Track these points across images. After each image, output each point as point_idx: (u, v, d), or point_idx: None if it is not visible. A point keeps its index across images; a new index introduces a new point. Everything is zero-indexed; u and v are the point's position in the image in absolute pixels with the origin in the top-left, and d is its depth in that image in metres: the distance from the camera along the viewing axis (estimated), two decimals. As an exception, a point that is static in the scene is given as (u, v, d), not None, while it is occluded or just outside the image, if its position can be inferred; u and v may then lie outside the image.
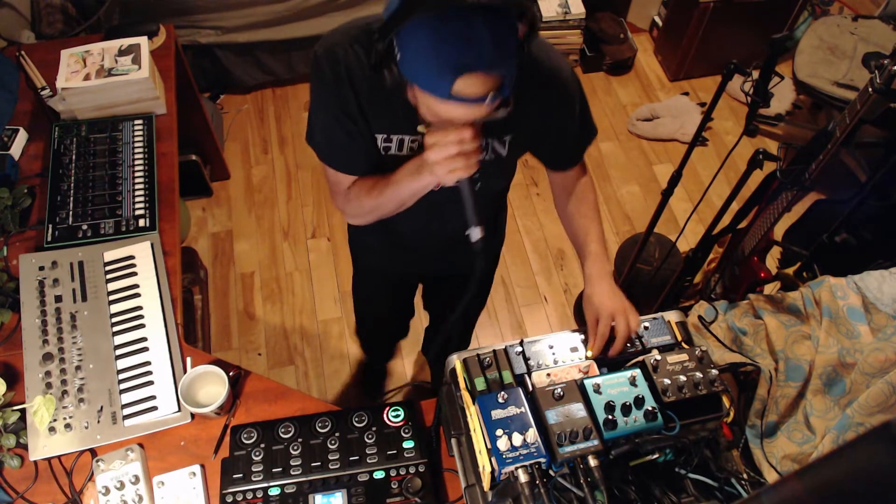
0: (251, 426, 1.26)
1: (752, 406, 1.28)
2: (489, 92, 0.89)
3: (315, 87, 1.14)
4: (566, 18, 3.33)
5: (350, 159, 1.20)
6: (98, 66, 1.77)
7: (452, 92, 0.88)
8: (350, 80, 1.08)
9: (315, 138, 1.20)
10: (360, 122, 1.13)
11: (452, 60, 0.86)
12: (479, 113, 0.94)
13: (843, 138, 1.43)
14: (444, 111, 0.94)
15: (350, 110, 1.11)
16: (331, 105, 1.12)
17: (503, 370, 1.06)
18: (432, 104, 0.94)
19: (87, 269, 1.49)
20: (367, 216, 1.26)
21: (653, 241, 2.57)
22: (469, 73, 0.86)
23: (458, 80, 0.87)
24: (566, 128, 1.25)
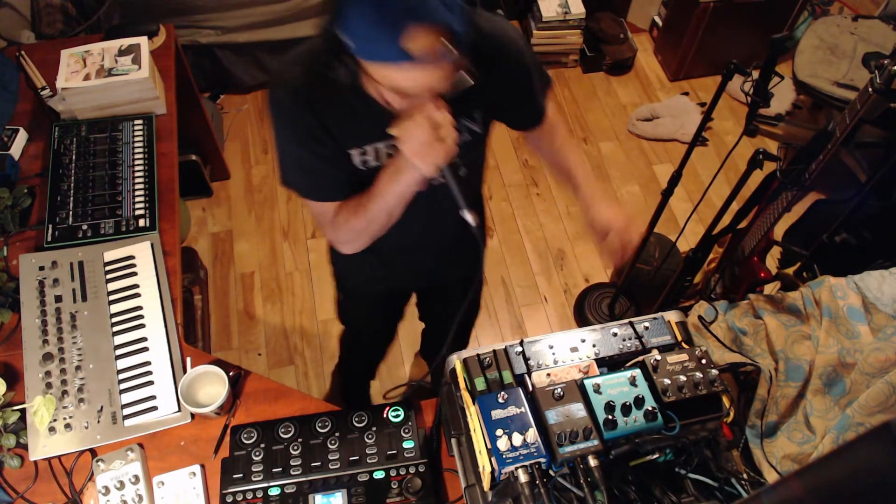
0: (251, 426, 1.26)
1: (752, 406, 1.28)
2: (441, 46, 0.86)
3: (278, 124, 1.12)
4: (566, 18, 3.33)
5: (330, 186, 1.18)
6: (98, 66, 1.77)
7: (403, 49, 0.85)
8: (310, 105, 1.07)
9: (289, 177, 1.18)
10: (330, 144, 1.11)
11: (396, 15, 0.84)
12: (438, 78, 0.91)
13: (843, 138, 1.43)
14: (404, 79, 0.91)
15: (318, 134, 1.09)
16: (298, 136, 1.11)
17: (503, 370, 1.06)
18: (391, 76, 0.91)
19: (87, 269, 1.49)
20: (359, 238, 1.23)
21: (653, 241, 2.57)
22: (414, 24, 0.84)
23: (406, 36, 0.84)
24: (528, 87, 1.23)
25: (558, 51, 3.49)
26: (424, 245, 1.43)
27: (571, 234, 2.93)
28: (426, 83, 0.92)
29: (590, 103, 3.43)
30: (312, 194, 1.19)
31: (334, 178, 1.17)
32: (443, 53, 0.86)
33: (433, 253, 1.46)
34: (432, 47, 0.86)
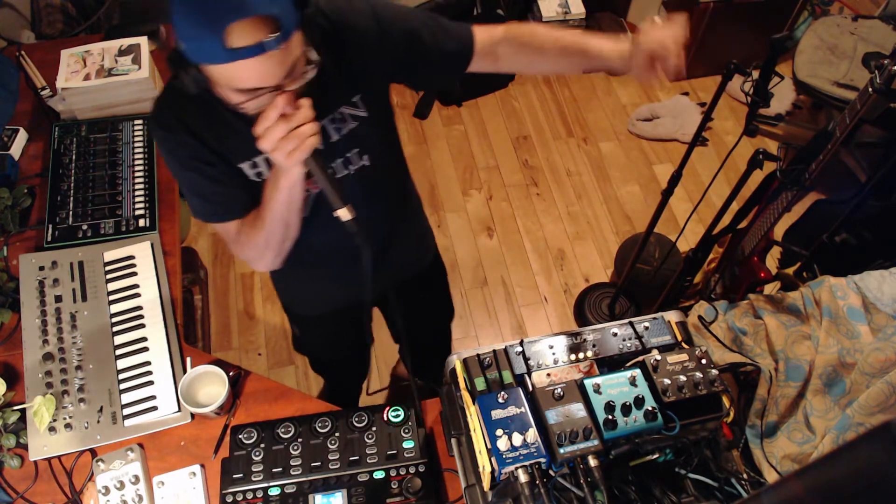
0: (251, 426, 1.26)
1: (752, 406, 1.28)
2: (266, 37, 0.84)
3: (167, 158, 1.12)
4: (566, 18, 3.34)
5: (225, 205, 1.16)
6: (98, 66, 1.77)
7: (229, 48, 0.84)
8: (188, 130, 1.06)
9: (192, 205, 1.17)
10: (218, 164, 1.09)
11: (215, 13, 0.83)
12: (273, 70, 0.89)
13: (843, 138, 1.43)
14: (239, 78, 0.89)
15: (201, 155, 1.08)
16: (182, 161, 1.10)
17: (503, 370, 1.06)
18: (227, 76, 0.89)
19: (87, 269, 1.49)
20: (265, 254, 1.19)
21: (653, 241, 2.57)
22: (234, 20, 0.82)
23: (227, 33, 0.83)
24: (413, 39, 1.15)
25: None
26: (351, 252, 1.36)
27: (571, 234, 2.93)
28: (262, 78, 0.90)
29: (590, 103, 3.43)
30: (210, 217, 1.18)
31: (228, 197, 1.14)
32: (270, 45, 0.84)
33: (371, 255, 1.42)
34: (257, 40, 0.84)
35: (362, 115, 1.15)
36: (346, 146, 1.16)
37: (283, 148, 0.96)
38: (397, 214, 1.41)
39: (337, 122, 1.14)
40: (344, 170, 1.19)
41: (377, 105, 1.18)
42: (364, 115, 1.15)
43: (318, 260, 1.37)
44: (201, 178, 1.11)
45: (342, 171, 1.19)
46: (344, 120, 1.14)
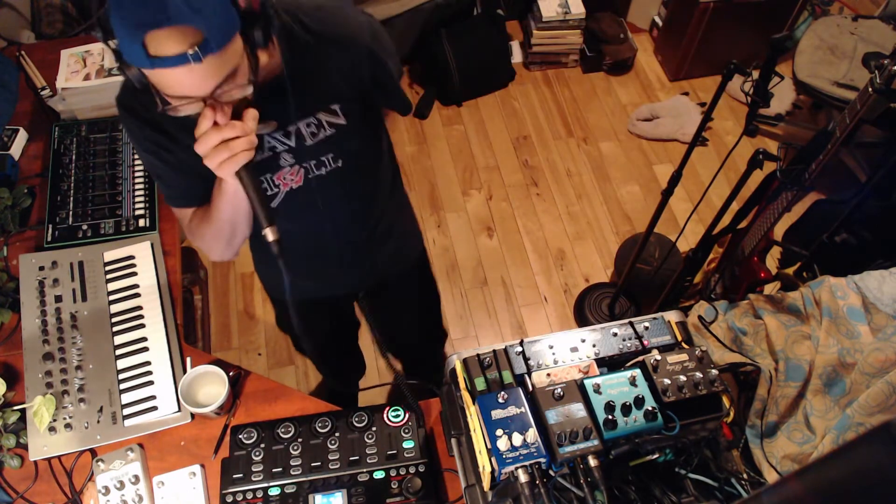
0: (251, 426, 1.26)
1: (752, 406, 1.28)
2: (188, 48, 0.83)
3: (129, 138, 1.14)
4: (566, 18, 3.33)
5: (181, 192, 1.18)
6: (98, 66, 1.77)
7: (151, 55, 0.83)
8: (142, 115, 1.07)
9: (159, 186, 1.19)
10: (177, 151, 1.10)
11: (132, 21, 0.82)
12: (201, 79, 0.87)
13: (843, 138, 1.43)
14: (167, 84, 0.88)
15: (161, 141, 1.09)
16: (145, 145, 1.11)
17: (503, 370, 1.06)
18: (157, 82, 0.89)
19: (87, 269, 1.49)
20: (214, 246, 1.21)
21: (653, 241, 2.57)
22: (151, 30, 0.81)
23: (148, 40, 0.82)
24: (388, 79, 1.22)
25: (558, 51, 3.49)
26: (328, 247, 1.39)
27: (571, 234, 2.93)
28: (187, 87, 0.89)
29: (590, 103, 3.43)
30: (168, 199, 1.21)
31: (185, 185, 1.16)
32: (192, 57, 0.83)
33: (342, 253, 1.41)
34: (178, 51, 0.83)
35: (340, 124, 1.16)
36: (319, 150, 1.18)
37: (214, 157, 0.96)
38: (376, 216, 1.41)
39: (312, 127, 1.15)
40: (316, 171, 1.20)
41: (359, 114, 1.19)
42: (342, 124, 1.17)
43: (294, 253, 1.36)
44: (159, 162, 1.13)
45: (315, 171, 1.20)
46: (320, 125, 1.15)
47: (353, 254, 1.42)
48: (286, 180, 1.19)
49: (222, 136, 0.94)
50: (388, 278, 1.61)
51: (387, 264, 1.54)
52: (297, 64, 1.08)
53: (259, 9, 0.92)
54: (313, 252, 1.39)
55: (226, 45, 0.87)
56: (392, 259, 1.56)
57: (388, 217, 1.46)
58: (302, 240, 1.33)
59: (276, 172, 1.18)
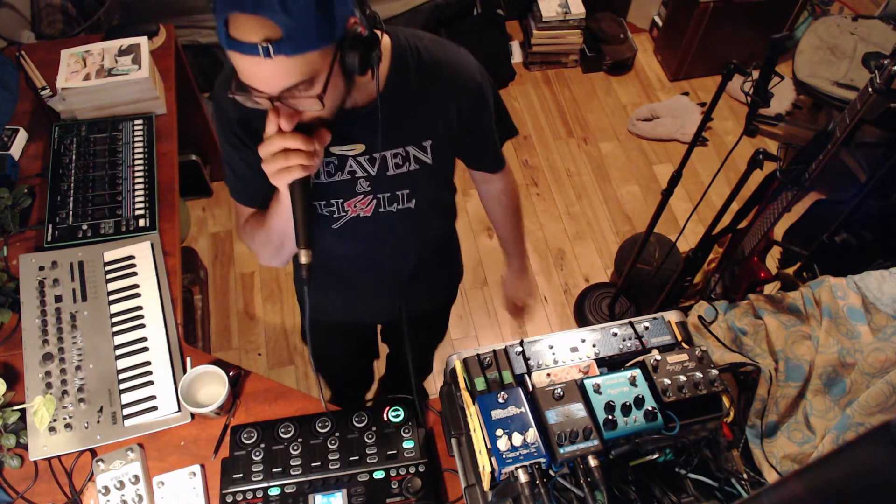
0: (251, 426, 1.26)
1: (752, 406, 1.28)
2: (262, 40, 0.82)
3: (216, 124, 1.13)
4: (566, 18, 3.34)
5: (247, 190, 1.17)
6: (98, 66, 1.77)
7: (230, 35, 0.83)
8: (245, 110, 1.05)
9: (226, 176, 1.18)
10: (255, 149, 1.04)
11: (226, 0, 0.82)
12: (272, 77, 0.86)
13: (843, 138, 1.43)
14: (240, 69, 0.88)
15: (242, 135, 1.08)
16: (225, 133, 1.10)
17: (503, 370, 1.06)
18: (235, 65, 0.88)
19: (87, 269, 1.49)
20: (262, 252, 1.21)
21: (653, 241, 2.57)
22: (237, 10, 0.82)
23: (231, 20, 0.82)
24: (484, 130, 1.22)
25: (558, 51, 3.49)
26: (378, 276, 1.38)
27: (571, 234, 2.93)
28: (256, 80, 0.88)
29: (590, 103, 3.43)
30: (233, 194, 1.20)
31: (252, 184, 1.13)
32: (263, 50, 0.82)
33: (387, 286, 1.41)
34: (255, 41, 0.82)
35: (426, 162, 1.15)
36: (398, 184, 1.16)
37: (271, 164, 0.96)
38: (428, 258, 1.40)
39: (398, 158, 1.13)
40: (388, 206, 1.19)
41: (447, 157, 1.19)
42: (427, 163, 1.16)
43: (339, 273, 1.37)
44: (236, 155, 1.12)
45: (386, 206, 1.19)
46: (407, 158, 1.14)
47: (397, 287, 1.40)
48: (356, 208, 1.18)
49: (284, 143, 0.93)
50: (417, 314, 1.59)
51: (424, 303, 1.54)
52: (401, 92, 1.07)
53: (365, 35, 0.90)
54: (357, 278, 1.39)
55: (304, 52, 0.84)
56: (430, 299, 1.57)
57: (440, 260, 1.46)
58: (350, 263, 1.33)
59: (349, 199, 1.16)
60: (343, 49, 0.89)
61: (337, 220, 1.20)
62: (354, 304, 1.48)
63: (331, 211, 1.18)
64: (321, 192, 1.15)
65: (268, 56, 0.83)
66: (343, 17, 0.87)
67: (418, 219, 1.24)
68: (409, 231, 1.27)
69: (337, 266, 1.33)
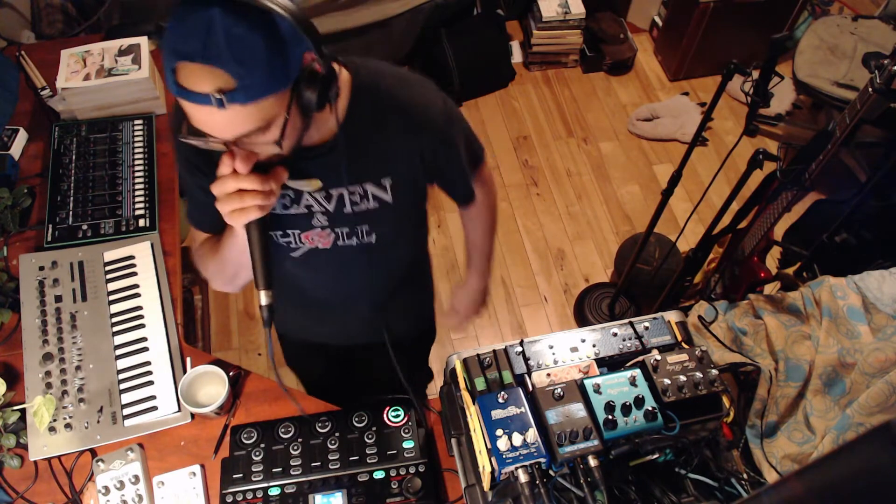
0: (251, 426, 1.26)
1: (752, 406, 1.28)
2: (214, 91, 0.79)
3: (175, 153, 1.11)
4: (566, 18, 3.33)
5: (203, 215, 1.15)
6: (98, 66, 1.77)
7: (179, 84, 0.80)
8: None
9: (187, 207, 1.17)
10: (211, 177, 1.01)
11: (172, 45, 0.79)
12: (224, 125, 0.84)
13: (843, 138, 1.43)
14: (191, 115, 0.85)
15: (199, 163, 1.06)
16: (182, 161, 1.09)
17: (503, 370, 1.06)
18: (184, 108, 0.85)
19: (87, 269, 1.49)
20: (216, 278, 1.20)
21: (653, 241, 2.57)
22: (186, 60, 0.78)
23: (179, 69, 0.79)
24: (452, 170, 1.20)
25: (558, 51, 3.49)
26: (343, 304, 1.37)
27: (571, 234, 2.93)
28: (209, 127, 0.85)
29: (590, 103, 3.43)
30: (189, 217, 1.19)
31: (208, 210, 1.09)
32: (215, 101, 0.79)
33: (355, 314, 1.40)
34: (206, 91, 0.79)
35: (385, 200, 1.12)
36: (356, 220, 1.14)
37: (226, 204, 0.94)
38: (397, 288, 1.39)
39: (356, 196, 1.10)
40: (348, 240, 1.17)
41: (408, 195, 1.15)
42: (387, 201, 1.12)
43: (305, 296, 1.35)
44: (193, 183, 1.10)
45: (345, 240, 1.17)
46: (364, 196, 1.10)
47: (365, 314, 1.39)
48: (313, 240, 1.16)
49: (239, 185, 0.91)
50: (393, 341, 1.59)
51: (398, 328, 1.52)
52: (360, 129, 1.04)
53: (322, 71, 0.88)
54: (323, 303, 1.37)
55: (258, 99, 0.82)
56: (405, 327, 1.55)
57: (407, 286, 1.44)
58: (314, 289, 1.32)
59: (306, 231, 1.14)
60: (300, 87, 0.87)
61: (295, 249, 1.18)
62: (325, 326, 1.47)
63: (287, 241, 1.16)
64: (277, 223, 1.13)
65: (221, 107, 0.80)
66: (298, 56, 0.85)
67: (380, 252, 1.21)
68: (372, 263, 1.24)
69: (302, 287, 1.32)
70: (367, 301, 1.35)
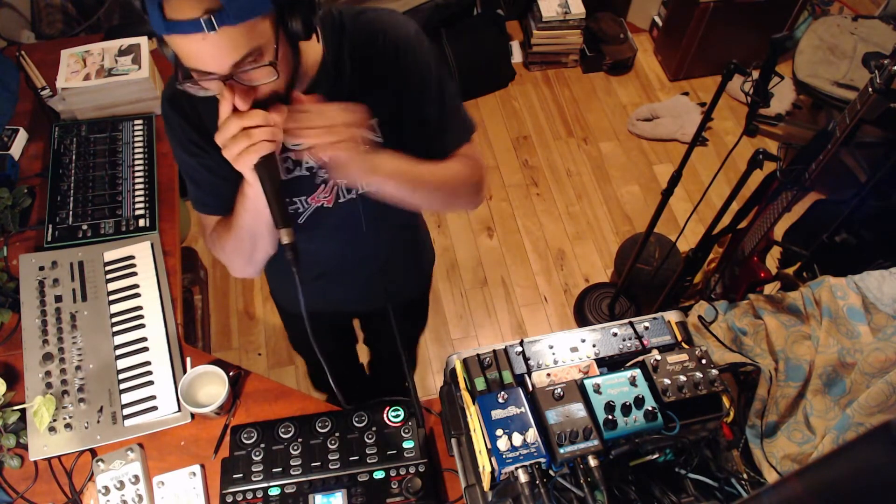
0: (251, 426, 1.26)
1: (752, 406, 1.28)
2: (203, 14, 0.79)
3: (170, 138, 1.10)
4: (566, 18, 3.34)
5: (209, 197, 1.14)
6: (98, 66, 1.77)
7: (167, 18, 0.79)
8: (197, 114, 1.04)
9: (189, 190, 1.15)
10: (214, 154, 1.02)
11: None
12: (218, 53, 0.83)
13: (843, 138, 1.43)
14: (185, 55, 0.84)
15: (200, 141, 1.06)
16: (183, 144, 1.08)
17: (503, 370, 1.06)
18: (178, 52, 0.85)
19: (87, 269, 1.49)
20: (234, 260, 1.17)
21: (653, 241, 2.57)
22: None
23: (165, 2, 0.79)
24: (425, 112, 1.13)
25: (558, 51, 3.49)
26: (345, 269, 1.36)
27: (571, 234, 2.93)
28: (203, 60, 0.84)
29: (590, 103, 3.43)
30: (195, 204, 1.17)
31: (216, 189, 1.11)
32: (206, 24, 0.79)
33: (359, 276, 1.39)
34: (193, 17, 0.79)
35: (376, 141, 1.11)
36: None
37: (232, 147, 0.91)
38: (397, 242, 1.39)
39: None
40: (348, 194, 1.17)
41: (394, 138, 1.13)
42: (377, 142, 1.11)
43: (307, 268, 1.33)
44: (194, 162, 1.10)
45: (346, 195, 1.17)
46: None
47: (368, 278, 1.39)
48: (318, 199, 1.16)
49: (242, 123, 0.89)
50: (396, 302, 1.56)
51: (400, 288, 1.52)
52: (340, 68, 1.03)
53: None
54: (327, 271, 1.37)
55: (247, 19, 0.82)
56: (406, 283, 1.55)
57: (408, 245, 1.44)
58: (319, 258, 1.32)
59: (312, 193, 1.14)
60: (284, 14, 0.87)
61: (301, 214, 1.18)
62: (329, 294, 1.44)
63: (294, 208, 1.16)
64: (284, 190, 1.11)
65: (212, 29, 0.79)
66: None
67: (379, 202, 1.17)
68: (371, 217, 1.23)
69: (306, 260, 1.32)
70: (369, 262, 1.36)
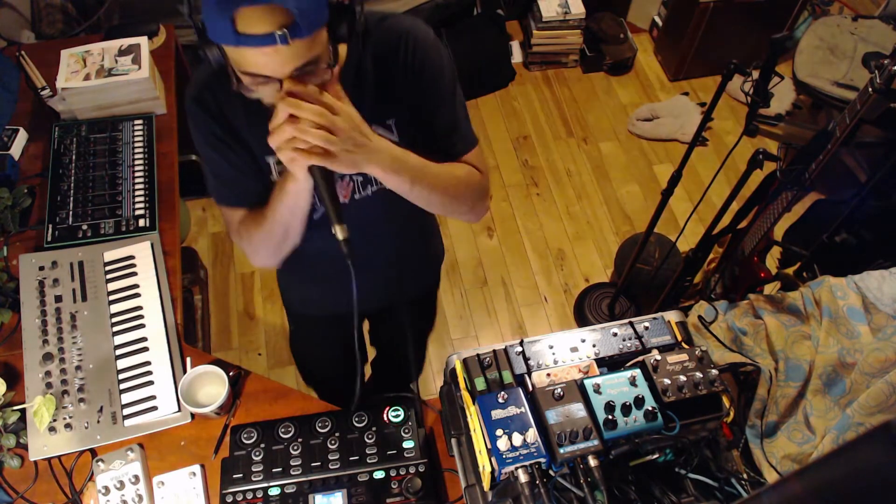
0: (251, 426, 1.26)
1: (752, 406, 1.28)
2: (277, 29, 0.82)
3: (194, 134, 1.12)
4: (566, 18, 3.34)
5: (236, 192, 1.16)
6: (98, 66, 1.77)
7: (239, 32, 0.82)
8: (222, 112, 1.07)
9: (209, 184, 1.17)
10: (241, 151, 1.09)
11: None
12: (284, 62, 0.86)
13: (843, 138, 1.43)
14: (247, 63, 0.87)
15: (226, 138, 1.09)
16: (207, 139, 1.10)
17: (503, 370, 1.06)
18: (237, 59, 0.88)
19: (87, 269, 1.49)
20: (260, 252, 1.19)
21: (653, 241, 2.57)
22: (243, 6, 0.81)
23: (238, 16, 0.81)
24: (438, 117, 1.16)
25: (558, 51, 3.49)
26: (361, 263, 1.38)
27: (571, 234, 2.93)
28: (268, 68, 0.88)
29: (590, 103, 3.43)
30: (219, 199, 1.19)
31: (242, 185, 1.14)
32: (279, 39, 0.82)
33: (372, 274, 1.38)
34: (267, 31, 0.82)
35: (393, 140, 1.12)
36: None
37: (285, 149, 0.93)
38: (410, 239, 1.40)
39: None
40: (363, 191, 1.19)
41: (410, 137, 1.15)
42: (396, 141, 1.12)
43: (318, 266, 1.36)
44: (220, 159, 1.12)
45: (361, 191, 1.18)
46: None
47: (381, 274, 1.39)
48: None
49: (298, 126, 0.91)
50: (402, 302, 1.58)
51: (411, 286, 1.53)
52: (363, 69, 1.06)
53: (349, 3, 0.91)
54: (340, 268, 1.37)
55: (316, 30, 0.86)
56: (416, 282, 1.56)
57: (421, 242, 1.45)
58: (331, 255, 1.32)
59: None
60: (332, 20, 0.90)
61: (316, 210, 1.19)
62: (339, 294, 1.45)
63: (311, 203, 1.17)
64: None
65: (285, 43, 0.83)
66: None
67: (393, 199, 1.18)
68: (385, 214, 1.25)
69: (319, 259, 1.32)
70: (382, 258, 1.36)
